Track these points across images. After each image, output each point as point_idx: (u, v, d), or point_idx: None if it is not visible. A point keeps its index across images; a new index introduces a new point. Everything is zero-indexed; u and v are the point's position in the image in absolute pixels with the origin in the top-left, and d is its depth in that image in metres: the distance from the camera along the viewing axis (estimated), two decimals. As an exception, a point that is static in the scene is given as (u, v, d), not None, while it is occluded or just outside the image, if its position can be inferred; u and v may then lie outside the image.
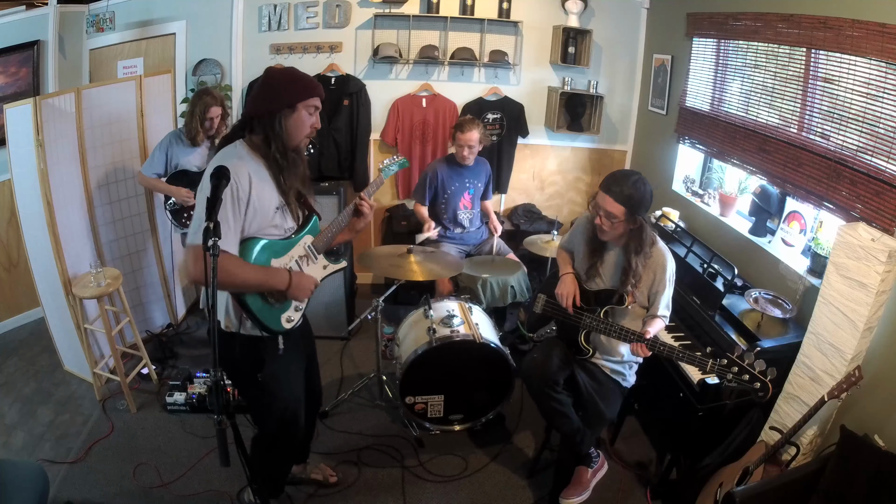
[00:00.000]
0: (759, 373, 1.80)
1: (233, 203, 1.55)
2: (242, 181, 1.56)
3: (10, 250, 3.54)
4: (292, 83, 1.66)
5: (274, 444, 1.98)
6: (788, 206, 2.66)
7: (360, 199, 1.96)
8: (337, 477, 2.46)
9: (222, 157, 1.61)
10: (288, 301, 1.79)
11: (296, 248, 1.80)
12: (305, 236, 1.83)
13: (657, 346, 1.98)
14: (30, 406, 2.90)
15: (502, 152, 4.08)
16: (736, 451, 2.26)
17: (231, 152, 1.63)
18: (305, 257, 1.84)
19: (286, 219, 1.75)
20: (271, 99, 1.64)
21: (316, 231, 1.88)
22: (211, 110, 2.85)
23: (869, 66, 2.13)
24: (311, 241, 1.86)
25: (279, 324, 1.78)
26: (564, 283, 2.23)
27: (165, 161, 2.89)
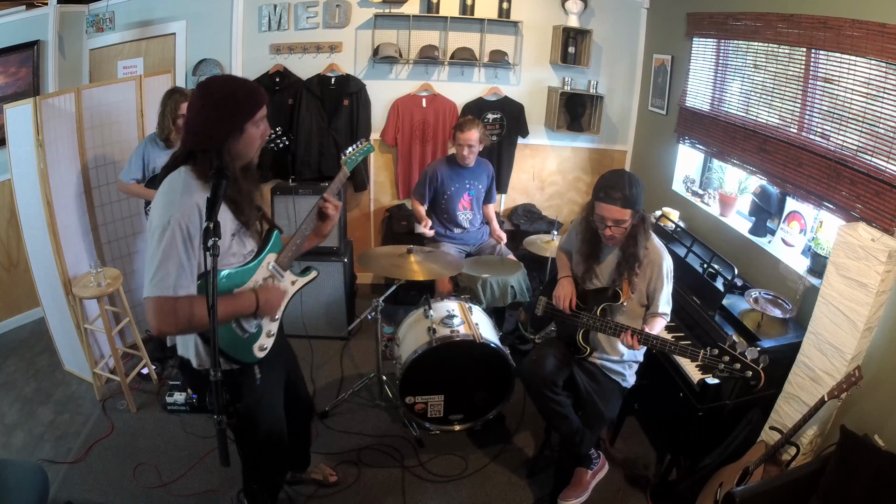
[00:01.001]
0: (752, 361, 1.80)
1: (184, 243, 1.41)
2: (192, 218, 1.42)
3: (10, 250, 3.54)
4: (234, 103, 1.47)
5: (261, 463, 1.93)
6: (788, 206, 2.66)
7: (323, 200, 1.81)
8: (336, 476, 2.46)
9: (167, 190, 1.48)
10: (258, 330, 1.68)
11: (259, 272, 1.66)
12: (267, 256, 1.69)
13: (649, 339, 1.98)
14: (30, 406, 2.90)
15: (502, 152, 4.08)
16: (736, 451, 2.26)
17: (176, 186, 1.47)
18: (270, 278, 1.70)
19: (244, 243, 1.62)
20: (213, 127, 1.46)
21: (278, 247, 1.73)
22: (181, 107, 2.81)
23: (869, 66, 2.13)
24: (275, 259, 1.71)
25: (252, 355, 1.68)
26: (562, 286, 2.25)
27: (142, 165, 2.86)
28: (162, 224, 1.41)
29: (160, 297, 1.40)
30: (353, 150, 1.99)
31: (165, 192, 1.48)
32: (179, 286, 1.42)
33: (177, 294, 1.41)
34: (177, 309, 1.42)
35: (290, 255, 1.74)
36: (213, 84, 1.52)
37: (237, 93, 1.49)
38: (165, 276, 1.40)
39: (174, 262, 1.41)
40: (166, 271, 1.40)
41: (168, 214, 1.41)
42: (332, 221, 1.84)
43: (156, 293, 1.40)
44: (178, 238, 1.40)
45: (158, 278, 1.40)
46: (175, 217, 1.41)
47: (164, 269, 1.40)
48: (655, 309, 2.13)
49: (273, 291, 1.66)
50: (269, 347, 1.72)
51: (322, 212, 1.81)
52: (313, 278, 1.88)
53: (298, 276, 1.83)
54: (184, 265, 1.42)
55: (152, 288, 1.41)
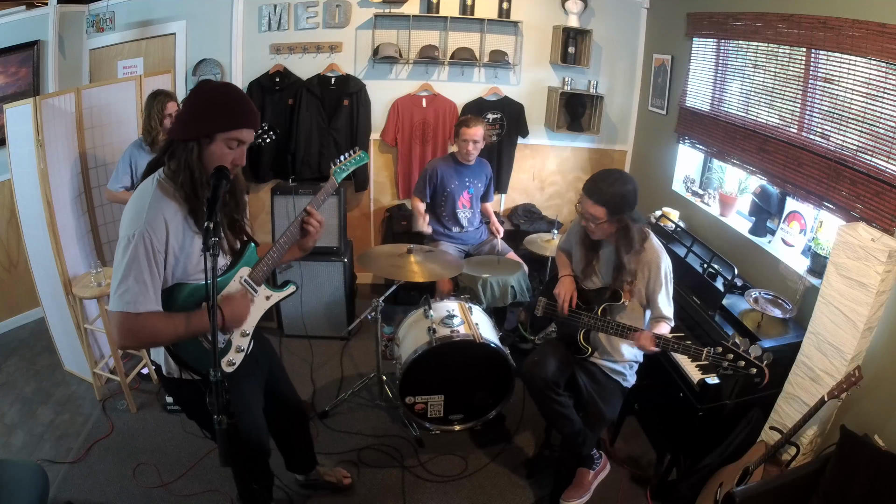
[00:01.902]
0: (756, 358, 1.79)
1: (147, 258, 1.39)
2: (157, 231, 1.40)
3: (10, 250, 3.54)
4: (216, 108, 1.45)
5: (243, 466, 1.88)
6: (788, 206, 2.66)
7: (306, 213, 1.74)
8: (351, 479, 2.43)
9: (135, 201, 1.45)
10: (227, 346, 1.65)
11: (230, 286, 1.62)
12: (241, 269, 1.64)
13: (660, 339, 1.97)
14: (30, 406, 2.90)
15: (502, 152, 4.08)
16: (736, 451, 2.26)
17: (146, 195, 1.44)
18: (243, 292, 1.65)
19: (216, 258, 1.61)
20: (190, 123, 1.45)
21: (252, 261, 1.68)
22: (168, 106, 2.81)
23: (869, 66, 2.13)
24: (248, 273, 1.66)
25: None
26: (562, 284, 2.25)
27: (130, 172, 2.85)
28: (127, 236, 1.39)
29: (121, 312, 1.39)
30: (344, 158, 1.94)
31: (136, 200, 1.46)
32: (139, 303, 1.40)
33: (137, 311, 1.40)
34: (138, 326, 1.41)
35: (265, 268, 1.69)
36: (209, 84, 1.52)
37: (223, 101, 1.46)
38: (126, 292, 1.39)
39: (136, 278, 1.39)
40: (127, 286, 1.39)
41: (134, 227, 1.39)
42: (314, 238, 1.78)
43: (117, 308, 1.39)
44: (141, 253, 1.38)
45: (120, 293, 1.39)
46: (140, 230, 1.38)
47: (126, 284, 1.39)
48: (659, 313, 2.11)
49: (237, 302, 1.59)
50: (237, 363, 1.66)
51: (304, 227, 1.75)
52: (291, 293, 1.82)
53: (274, 290, 1.77)
54: (146, 281, 1.40)
55: (114, 302, 1.40)
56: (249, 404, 1.80)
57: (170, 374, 1.63)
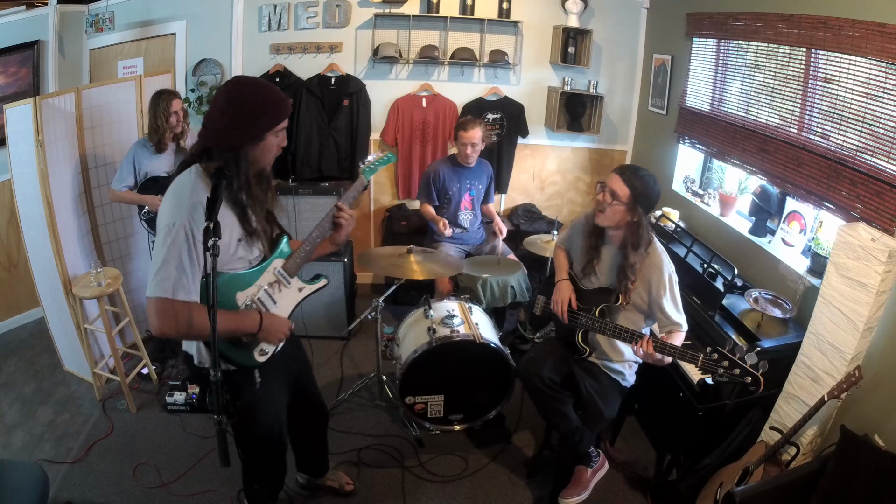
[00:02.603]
0: (751, 366, 1.79)
1: (188, 246, 1.42)
2: (197, 220, 1.41)
3: (10, 250, 3.54)
4: (261, 112, 1.48)
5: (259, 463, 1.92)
6: (788, 206, 2.66)
7: (337, 208, 1.79)
8: (353, 485, 2.42)
9: (175, 192, 1.48)
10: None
11: (264, 276, 1.66)
12: (274, 261, 1.68)
13: (657, 344, 1.97)
14: (30, 406, 2.90)
15: (502, 152, 4.08)
16: (736, 451, 2.26)
17: (185, 186, 1.47)
18: (276, 283, 1.69)
19: (251, 249, 1.62)
20: (236, 132, 1.46)
21: (286, 253, 1.72)
22: (173, 103, 2.82)
23: (869, 66, 2.13)
24: (282, 264, 1.70)
25: (251, 359, 1.66)
26: (559, 290, 2.24)
27: (134, 172, 2.86)
28: (168, 225, 1.42)
29: (159, 297, 1.41)
30: (373, 158, 1.94)
31: (174, 192, 1.48)
32: (178, 289, 1.42)
33: (175, 296, 1.41)
34: (176, 312, 1.42)
35: (298, 261, 1.72)
36: (244, 87, 1.51)
37: (266, 102, 1.50)
38: (166, 278, 1.41)
39: (176, 265, 1.41)
40: (167, 273, 1.41)
41: (175, 216, 1.42)
42: (346, 231, 1.82)
43: (155, 294, 1.41)
44: (181, 240, 1.41)
45: (159, 279, 1.41)
46: (181, 219, 1.41)
47: (166, 271, 1.41)
48: (669, 321, 2.07)
49: (278, 322, 1.64)
50: (270, 353, 1.69)
51: (336, 221, 1.79)
52: (323, 286, 1.85)
53: (307, 282, 1.80)
54: (185, 268, 1.42)
55: (153, 288, 1.42)
56: (275, 398, 1.82)
57: (201, 364, 1.65)
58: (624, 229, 2.07)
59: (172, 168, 2.93)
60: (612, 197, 2.03)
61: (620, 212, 2.04)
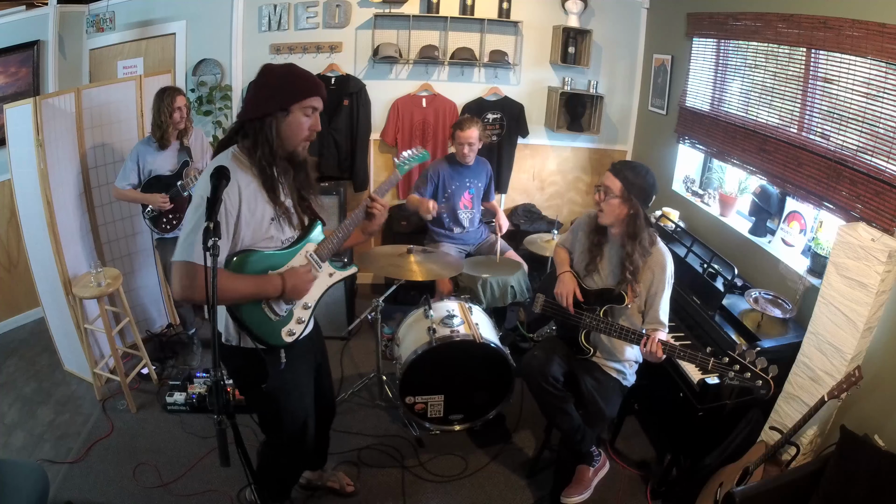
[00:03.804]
0: (761, 370, 1.80)
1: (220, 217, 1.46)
2: (231, 194, 1.49)
3: (10, 250, 3.54)
4: (287, 83, 1.56)
5: (283, 452, 1.94)
6: (788, 206, 2.66)
7: (370, 199, 1.85)
8: (354, 486, 2.42)
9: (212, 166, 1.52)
10: (289, 315, 1.71)
11: (296, 258, 1.70)
12: (307, 244, 1.73)
13: (666, 346, 1.97)
14: (30, 406, 2.90)
15: (502, 152, 4.08)
16: (736, 451, 2.26)
17: (223, 160, 1.54)
18: (308, 266, 1.73)
19: (283, 229, 1.66)
20: (263, 101, 1.55)
21: (318, 238, 1.78)
22: (177, 99, 2.83)
23: (869, 66, 2.13)
24: (314, 248, 1.75)
25: (279, 338, 1.70)
26: (563, 282, 2.23)
27: (138, 170, 2.86)
28: (202, 195, 1.45)
29: (184, 261, 1.46)
30: (409, 154, 2.01)
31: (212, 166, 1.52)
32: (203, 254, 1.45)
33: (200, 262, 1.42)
34: (199, 275, 1.44)
35: (330, 247, 1.78)
36: (273, 65, 1.61)
37: (292, 73, 1.58)
38: (194, 243, 1.45)
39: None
40: (195, 238, 1.44)
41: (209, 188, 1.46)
42: (379, 221, 1.88)
43: (181, 257, 1.46)
44: None
45: (187, 244, 1.46)
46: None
47: (194, 237, 1.45)
48: (655, 317, 2.08)
49: (300, 275, 1.66)
50: (297, 334, 1.74)
51: (369, 211, 1.85)
52: (353, 273, 1.90)
53: (338, 269, 1.84)
54: None
55: (179, 252, 1.47)
56: (301, 386, 1.86)
57: (228, 342, 1.69)
58: (623, 223, 2.09)
59: (176, 166, 2.93)
60: (605, 193, 2.07)
61: (616, 205, 2.05)
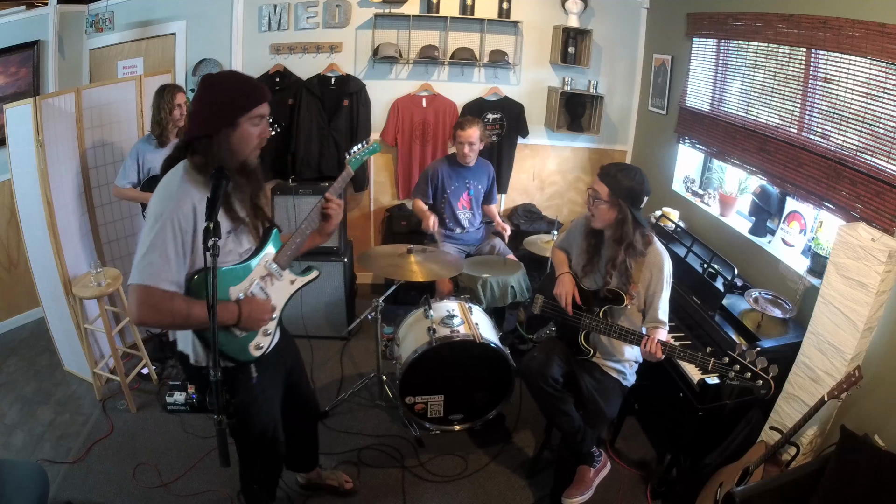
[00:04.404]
0: (761, 370, 1.80)
1: (174, 236, 1.42)
2: (185, 212, 1.43)
3: (10, 250, 3.54)
4: (231, 95, 1.49)
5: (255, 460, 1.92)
6: (788, 206, 2.66)
7: (325, 199, 1.80)
8: (353, 483, 2.42)
9: (164, 185, 1.50)
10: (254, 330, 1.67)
11: (256, 270, 1.66)
12: (265, 254, 1.68)
13: (666, 346, 1.97)
14: (30, 406, 2.90)
15: (502, 152, 4.08)
16: (736, 451, 2.26)
17: (174, 180, 1.49)
18: (268, 276, 1.69)
19: (241, 242, 1.61)
20: (209, 118, 1.48)
21: (276, 246, 1.73)
22: (177, 96, 2.84)
23: (869, 66, 2.13)
24: (273, 257, 1.70)
25: (247, 354, 1.66)
26: (562, 282, 2.24)
27: (138, 168, 2.87)
28: (155, 214, 1.43)
29: (141, 285, 1.41)
30: (358, 148, 1.97)
31: (164, 185, 1.50)
32: (160, 277, 1.42)
33: (158, 285, 1.41)
34: (157, 300, 1.42)
35: (289, 253, 1.73)
36: (214, 76, 1.55)
37: (235, 86, 1.52)
38: (149, 265, 1.41)
39: (160, 253, 1.42)
40: (151, 260, 1.41)
41: (163, 207, 1.44)
42: (335, 221, 1.84)
43: (137, 281, 1.41)
44: (168, 230, 1.42)
45: (143, 266, 1.41)
46: (169, 209, 1.43)
47: (150, 258, 1.41)
48: (655, 316, 2.09)
49: (257, 305, 1.62)
50: (265, 347, 1.70)
51: (325, 212, 1.81)
52: (314, 278, 1.86)
53: (299, 275, 1.81)
54: (170, 258, 1.43)
55: (135, 275, 1.42)
56: (270, 396, 1.82)
57: (197, 363, 1.64)
58: (612, 226, 2.09)
59: None
60: (594, 199, 2.07)
61: (605, 210, 2.06)
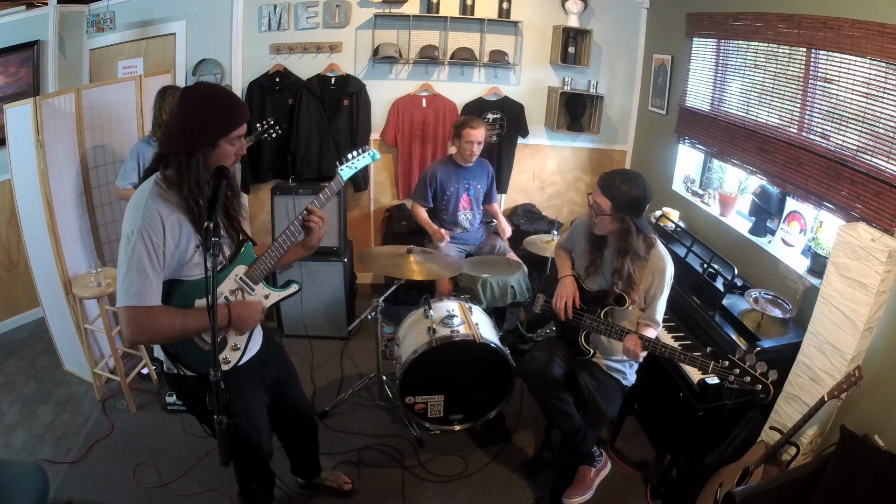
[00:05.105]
0: (761, 374, 1.80)
1: (148, 253, 1.42)
2: (154, 226, 1.42)
3: (10, 250, 3.54)
4: (213, 116, 1.46)
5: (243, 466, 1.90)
6: (788, 206, 2.66)
7: (307, 211, 1.71)
8: (352, 484, 2.41)
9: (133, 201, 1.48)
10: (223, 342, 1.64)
11: (225, 283, 1.63)
12: (236, 268, 1.64)
13: (658, 347, 1.97)
14: (30, 406, 2.90)
15: (502, 152, 4.08)
16: (736, 451, 2.26)
17: (143, 194, 1.46)
18: (238, 290, 1.65)
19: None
20: (189, 136, 1.45)
21: (249, 259, 1.68)
22: None
23: (869, 66, 2.13)
24: (245, 271, 1.66)
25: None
26: (564, 285, 2.24)
27: (138, 169, 2.86)
28: (127, 233, 1.43)
29: (126, 306, 1.42)
30: (353, 156, 1.87)
31: (134, 200, 1.48)
32: (144, 296, 1.43)
33: (141, 303, 1.42)
34: (146, 319, 1.44)
35: (263, 267, 1.68)
36: (196, 92, 1.51)
37: (218, 106, 1.48)
38: (130, 286, 1.42)
39: (137, 272, 1.42)
40: (131, 280, 1.42)
41: (133, 224, 1.43)
42: (317, 235, 1.75)
43: (122, 303, 1.43)
44: (140, 248, 1.42)
45: (124, 287, 1.43)
46: (138, 226, 1.42)
47: (129, 278, 1.42)
48: (651, 315, 2.10)
49: (248, 307, 1.61)
50: (234, 361, 1.67)
51: (306, 224, 1.72)
52: (293, 293, 1.80)
53: (276, 289, 1.75)
54: (149, 275, 1.43)
55: (120, 297, 1.43)
56: (249, 404, 1.79)
57: (170, 370, 1.67)
58: (616, 235, 2.08)
59: None
60: (595, 209, 2.05)
61: (608, 222, 2.05)
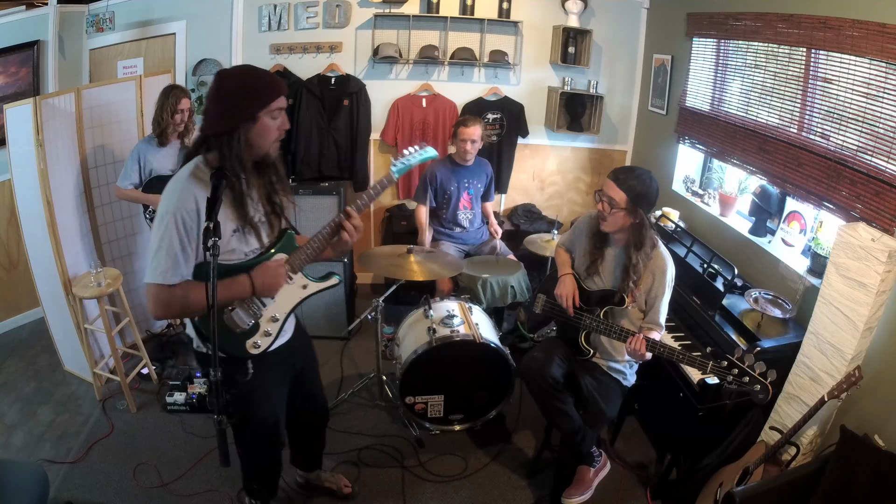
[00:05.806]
0: (760, 375, 1.80)
1: (178, 234, 1.45)
2: (189, 208, 1.45)
3: (10, 250, 3.54)
4: (249, 90, 1.48)
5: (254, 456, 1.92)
6: (788, 206, 2.66)
7: (345, 213, 1.69)
8: (352, 488, 2.41)
9: (171, 183, 1.51)
10: (254, 328, 1.65)
11: None
12: (277, 256, 1.65)
13: (657, 347, 1.97)
14: (30, 406, 2.90)
15: (502, 152, 4.08)
16: (736, 451, 2.26)
17: (182, 176, 1.50)
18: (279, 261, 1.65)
19: (247, 241, 1.59)
20: (227, 114, 1.47)
21: (290, 248, 1.68)
22: (182, 102, 2.84)
23: (869, 66, 2.13)
24: (285, 260, 1.66)
25: (243, 350, 1.65)
26: (564, 283, 2.24)
27: (139, 169, 2.87)
28: (162, 213, 1.47)
29: (152, 283, 1.48)
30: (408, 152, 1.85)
31: (173, 181, 1.52)
32: (168, 275, 1.47)
33: (166, 282, 1.47)
34: (170, 296, 1.49)
35: (304, 257, 1.68)
36: (230, 72, 1.55)
37: (253, 81, 1.51)
38: (159, 265, 1.47)
39: (168, 252, 1.46)
40: (160, 259, 1.47)
41: (169, 205, 1.47)
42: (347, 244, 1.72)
43: (148, 280, 1.48)
44: (172, 229, 1.45)
45: (153, 265, 1.47)
46: (173, 208, 1.46)
47: (159, 258, 1.47)
48: (655, 318, 2.09)
49: (269, 270, 1.59)
50: (263, 347, 1.68)
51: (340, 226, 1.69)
52: (333, 285, 1.78)
53: (315, 280, 1.75)
54: (177, 255, 1.47)
55: (149, 274, 1.48)
56: (271, 392, 1.82)
57: (199, 349, 1.71)
58: (627, 231, 2.08)
59: (177, 166, 2.94)
60: (610, 205, 2.04)
61: (622, 217, 2.04)
